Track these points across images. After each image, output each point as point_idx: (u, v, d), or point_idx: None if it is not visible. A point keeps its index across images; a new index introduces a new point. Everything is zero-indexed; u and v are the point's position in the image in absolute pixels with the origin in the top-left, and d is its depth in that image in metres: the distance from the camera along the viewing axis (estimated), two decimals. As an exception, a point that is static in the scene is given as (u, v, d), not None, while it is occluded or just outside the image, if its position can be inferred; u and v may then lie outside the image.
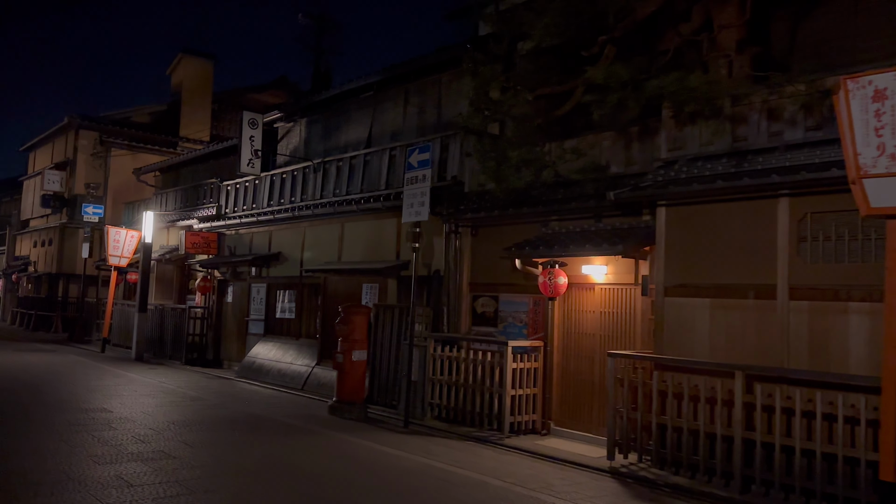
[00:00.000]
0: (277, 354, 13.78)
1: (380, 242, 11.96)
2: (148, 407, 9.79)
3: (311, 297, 13.65)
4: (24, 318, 27.70)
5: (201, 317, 16.68)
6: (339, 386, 10.06)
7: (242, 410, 10.10)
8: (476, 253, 10.32)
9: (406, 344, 10.34)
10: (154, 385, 12.22)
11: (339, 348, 10.10)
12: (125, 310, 19.25)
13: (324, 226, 13.36)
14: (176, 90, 29.62)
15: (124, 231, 18.15)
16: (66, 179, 27.16)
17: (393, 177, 11.82)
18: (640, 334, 8.13)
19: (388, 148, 12.01)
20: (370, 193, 12.04)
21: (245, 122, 15.05)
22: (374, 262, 11.74)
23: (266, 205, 15.09)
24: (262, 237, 15.28)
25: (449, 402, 9.51)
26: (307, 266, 13.38)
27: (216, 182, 17.08)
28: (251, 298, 15.26)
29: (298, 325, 13.86)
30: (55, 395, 10.31)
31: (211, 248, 16.48)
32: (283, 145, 15.78)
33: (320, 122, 14.75)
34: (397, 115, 12.63)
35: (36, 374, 12.95)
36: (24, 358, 15.83)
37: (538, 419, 8.99)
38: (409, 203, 9.68)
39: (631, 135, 8.49)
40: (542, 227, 9.22)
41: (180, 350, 16.54)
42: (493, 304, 9.98)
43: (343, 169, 13.04)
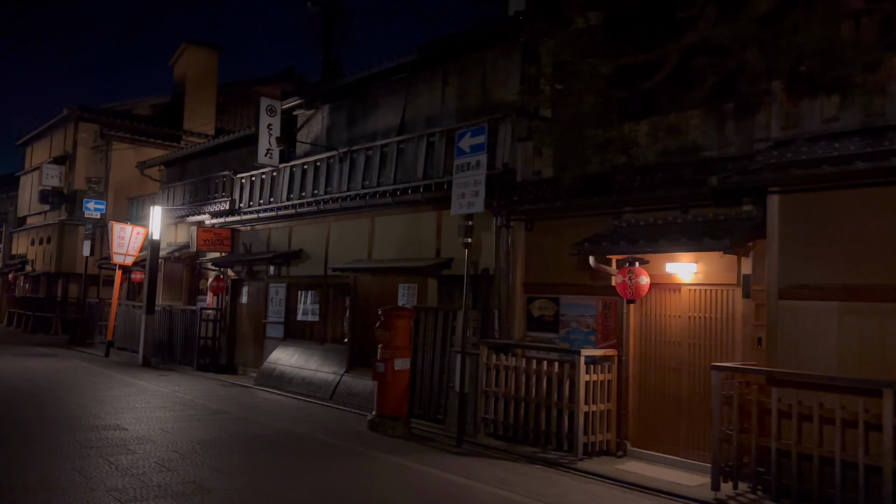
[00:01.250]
0: (300, 360, 12.68)
1: (417, 238, 10.88)
2: (166, 422, 8.69)
3: (338, 297, 12.56)
4: (21, 320, 26.54)
5: (214, 319, 15.58)
6: (379, 399, 8.98)
7: (272, 426, 9.01)
8: (531, 249, 9.24)
9: (453, 352, 9.26)
10: (168, 395, 11.12)
11: (380, 356, 9.02)
12: (130, 311, 18.13)
13: (351, 220, 12.27)
14: (179, 82, 28.49)
15: (130, 227, 17.03)
16: (66, 174, 25.99)
17: (431, 166, 10.73)
18: (739, 343, 7.05)
19: (426, 134, 10.92)
20: (405, 184, 10.95)
21: (263, 110, 13.96)
22: (411, 260, 10.66)
23: (286, 198, 13.98)
24: (280, 233, 14.18)
25: (506, 418, 8.44)
26: (333, 264, 12.29)
27: (229, 175, 15.96)
28: (269, 299, 14.16)
29: (323, 329, 12.76)
30: (61, 409, 9.21)
31: (224, 246, 15.38)
32: (304, 134, 14.68)
33: (345, 109, 13.64)
34: (434, 98, 11.54)
35: (37, 382, 11.84)
36: (24, 363, 14.71)
37: (612, 439, 7.92)
38: (460, 193, 8.60)
39: (725, 112, 7.40)
40: (614, 219, 8.14)
41: (191, 355, 15.44)
42: (552, 306, 8.89)
43: (373, 158, 11.94)
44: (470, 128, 8.68)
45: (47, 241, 26.87)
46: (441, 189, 10.06)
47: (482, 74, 10.68)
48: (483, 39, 10.54)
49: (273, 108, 14.08)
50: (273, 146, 14.03)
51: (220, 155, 18.57)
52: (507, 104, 10.02)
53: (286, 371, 12.71)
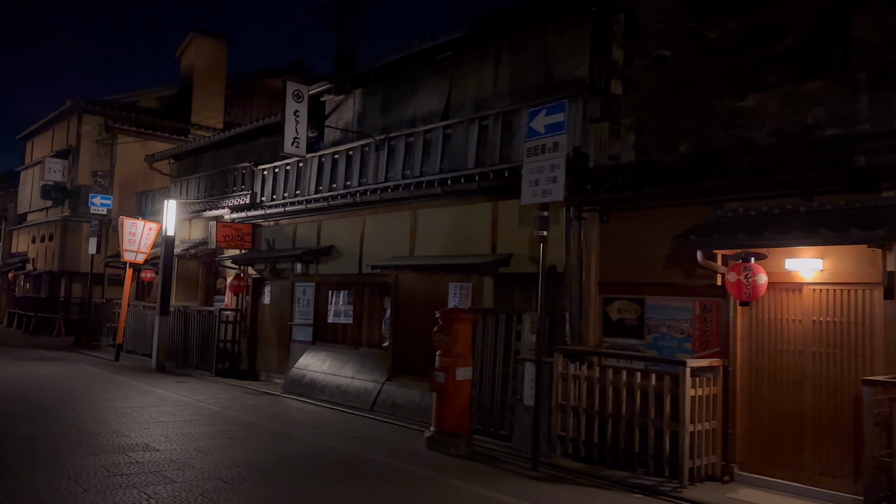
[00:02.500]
0: (333, 367, 11.63)
1: (468, 232, 9.83)
2: (199, 440, 7.63)
3: (375, 298, 11.51)
4: (22, 321, 25.43)
5: (233, 321, 14.51)
6: (438, 412, 7.93)
7: (317, 443, 7.96)
8: (608, 244, 8.20)
9: (520, 359, 8.23)
10: (192, 405, 10.07)
11: (439, 364, 7.98)
12: (141, 312, 17.07)
13: (390, 213, 11.21)
14: (186, 73, 27.41)
15: (141, 223, 15.95)
16: (69, 168, 24.89)
17: (484, 152, 9.68)
18: (879, 352, 6.02)
19: (477, 117, 9.86)
20: (454, 173, 9.90)
21: (289, 95, 12.87)
22: (463, 257, 9.61)
23: (314, 191, 12.92)
24: (308, 228, 13.12)
25: (589, 436, 7.39)
26: (370, 261, 11.23)
27: (249, 166, 14.90)
28: (296, 300, 13.10)
29: (357, 332, 11.71)
30: (77, 424, 8.15)
31: (245, 242, 14.31)
32: (332, 122, 13.62)
33: (379, 93, 12.58)
34: (485, 79, 10.48)
35: (45, 391, 10.78)
36: (29, 369, 13.64)
37: (717, 462, 6.87)
38: (532, 180, 7.56)
39: (857, 84, 6.36)
40: (715, 209, 7.09)
41: (209, 359, 14.38)
42: (635, 309, 7.85)
43: (415, 145, 10.89)
44: (545, 106, 7.63)
45: (49, 239, 25.77)
46: (499, 177, 9.02)
47: (543, 50, 9.63)
48: (545, 11, 9.50)
49: (300, 93, 12.99)
50: (300, 134, 12.94)
51: (237, 146, 17.50)
52: (574, 82, 9.00)
53: (317, 378, 11.65)
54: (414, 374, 10.11)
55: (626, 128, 8.06)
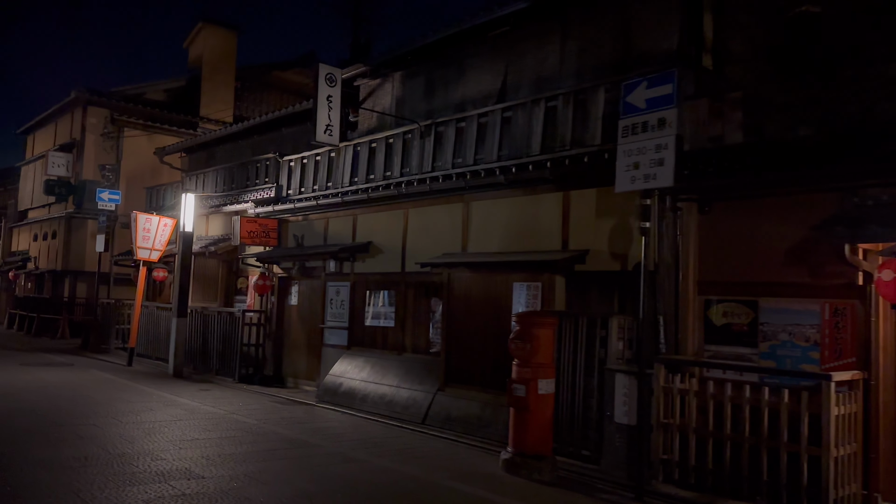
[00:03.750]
0: (373, 374, 10.62)
1: (533, 226, 8.83)
2: (246, 462, 6.63)
3: (420, 299, 10.50)
4: (23, 322, 24.33)
5: (258, 323, 13.50)
6: (517, 431, 6.93)
7: (378, 465, 6.96)
8: (709, 237, 7.21)
9: (609, 370, 7.23)
10: (224, 419, 9.05)
11: (517, 376, 6.98)
12: (154, 313, 16.03)
13: (438, 206, 10.22)
14: (194, 65, 26.40)
15: (156, 218, 14.91)
16: (73, 163, 23.83)
17: (552, 136, 8.69)
18: None
19: (543, 98, 8.87)
20: (515, 161, 8.91)
21: (321, 79, 11.85)
22: (530, 253, 8.61)
23: (348, 182, 11.92)
24: (341, 224, 12.11)
25: (700, 461, 6.39)
26: (416, 259, 10.23)
27: (274, 157, 13.88)
28: (328, 301, 12.09)
29: (401, 336, 10.70)
30: (103, 444, 7.13)
31: (270, 239, 13.30)
32: (368, 108, 12.60)
33: (422, 76, 11.57)
34: (549, 56, 9.48)
35: (60, 402, 9.75)
36: (38, 376, 12.60)
37: (858, 492, 5.89)
38: (630, 163, 6.57)
39: None
40: (852, 195, 6.10)
41: (230, 364, 13.37)
42: (745, 312, 6.86)
43: (466, 131, 9.89)
44: (647, 77, 6.63)
45: (52, 237, 24.71)
46: (578, 163, 8.03)
47: (621, 21, 8.62)
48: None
49: (333, 76, 11.97)
50: (333, 121, 11.93)
51: (255, 138, 16.51)
52: (660, 55, 8.00)
53: (356, 387, 10.64)
54: (471, 384, 9.13)
55: (731, 104, 7.08)
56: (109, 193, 19.20)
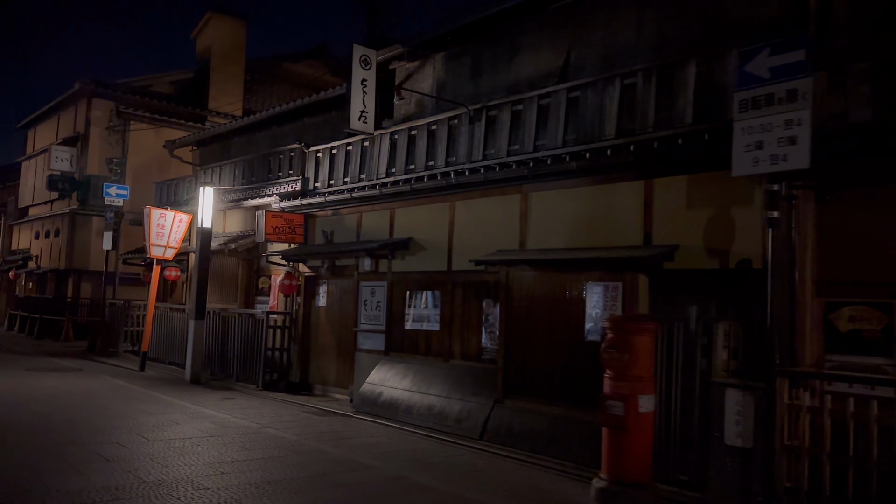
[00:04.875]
0: (417, 383, 9.67)
1: (606, 219, 7.89)
2: (301, 492, 5.69)
3: (470, 300, 9.55)
4: (25, 323, 23.31)
5: (282, 326, 12.54)
6: (613, 455, 6.00)
7: (452, 492, 6.02)
8: (830, 231, 6.28)
9: (717, 384, 6.29)
10: (259, 434, 8.10)
11: (612, 390, 6.04)
12: (167, 315, 15.08)
13: (491, 198, 9.28)
14: (202, 56, 25.46)
15: (171, 214, 13.95)
16: (77, 157, 22.84)
17: (631, 118, 7.76)
18: None
19: (618, 75, 7.92)
20: (585, 146, 7.97)
21: (355, 61, 10.92)
22: (605, 249, 7.67)
23: (384, 173, 10.97)
24: (376, 218, 11.16)
25: (839, 492, 5.45)
26: (466, 256, 9.29)
27: (300, 148, 12.93)
28: (361, 302, 11.14)
29: (447, 341, 9.75)
30: (137, 470, 6.17)
31: (296, 235, 12.35)
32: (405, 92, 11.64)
33: (467, 56, 10.62)
34: (621, 29, 8.53)
35: (77, 414, 8.79)
36: (47, 383, 11.64)
37: None
38: (752, 142, 5.66)
39: None
40: None
41: (253, 370, 12.42)
42: (878, 317, 5.92)
43: (525, 114, 8.95)
44: (771, 42, 5.69)
45: (55, 234, 23.72)
46: (669, 146, 7.08)
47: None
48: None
49: (368, 58, 11.05)
50: (368, 107, 11.00)
51: (274, 129, 15.57)
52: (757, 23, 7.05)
53: (399, 396, 9.69)
54: (536, 396, 8.18)
55: (857, 76, 6.14)
56: (117, 188, 18.24)
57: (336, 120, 13.78)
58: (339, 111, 13.61)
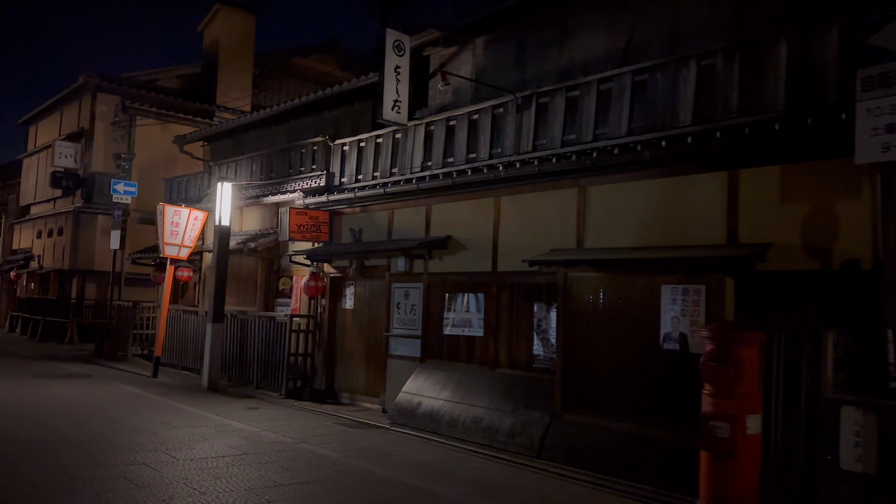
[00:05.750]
0: (460, 393, 8.93)
1: (681, 215, 7.15)
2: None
3: (519, 303, 8.82)
4: (27, 325, 22.51)
5: (306, 330, 11.79)
6: (716, 483, 5.29)
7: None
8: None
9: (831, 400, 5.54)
10: (298, 451, 7.35)
11: (713, 409, 5.32)
12: (180, 318, 14.30)
13: (542, 193, 8.54)
14: (210, 50, 24.73)
15: (186, 211, 13.19)
16: (82, 153, 22.07)
17: (708, 103, 7.02)
18: None
19: (693, 56, 7.19)
20: (656, 134, 7.24)
21: (389, 47, 10.19)
22: (685, 249, 6.92)
23: (418, 167, 10.24)
24: (410, 215, 10.41)
25: None
26: (512, 255, 8.57)
27: (324, 141, 12.18)
28: (394, 305, 10.40)
29: (493, 348, 9.01)
30: (169, 500, 5.41)
31: (321, 233, 11.60)
32: (440, 81, 10.90)
33: (510, 39, 9.89)
34: (693, 7, 7.80)
35: (93, 427, 8.04)
36: (55, 391, 10.88)
37: None
38: (882, 124, 4.98)
39: None
40: None
41: (275, 377, 11.68)
42: None
43: (582, 102, 8.21)
44: None
45: (58, 233, 22.94)
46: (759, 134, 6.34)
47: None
48: None
49: (401, 44, 10.31)
50: (402, 96, 10.27)
51: (291, 122, 14.81)
52: None
53: (440, 407, 8.95)
54: (601, 411, 7.43)
55: None
56: (125, 185, 17.52)
57: (359, 112, 13.06)
58: (362, 103, 12.92)
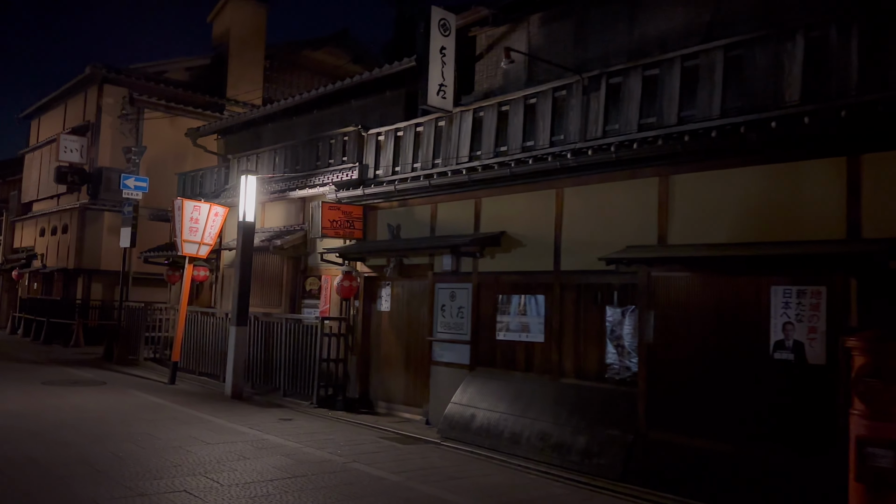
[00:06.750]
0: (521, 405, 8.09)
1: (790, 207, 6.34)
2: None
3: (589, 306, 7.98)
4: (30, 327, 21.59)
5: (338, 333, 10.94)
6: (874, 518, 4.43)
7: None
8: None
9: None
10: (351, 473, 6.50)
11: (870, 433, 4.50)
12: (198, 320, 13.43)
13: (615, 184, 7.72)
14: (219, 42, 23.88)
15: (206, 206, 12.33)
16: (88, 147, 21.18)
17: (819, 81, 6.19)
18: None
19: (799, 28, 6.36)
20: (762, 115, 6.41)
21: (434, 26, 9.41)
22: (799, 245, 6.09)
23: (466, 157, 9.40)
24: (458, 210, 9.57)
25: None
26: (581, 253, 7.76)
27: (356, 130, 11.33)
28: (438, 307, 9.57)
29: (556, 356, 8.18)
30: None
31: (355, 230, 10.75)
32: (488, 65, 10.07)
33: (571, 17, 9.06)
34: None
35: (114, 445, 7.17)
36: (68, 400, 10.02)
37: None
38: None
39: None
40: None
41: (303, 383, 10.84)
42: None
43: (662, 81, 7.39)
44: None
45: (62, 231, 22.04)
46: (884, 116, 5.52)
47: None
48: None
49: (447, 23, 9.54)
50: (447, 80, 9.48)
51: (314, 113, 13.97)
52: None
53: (497, 421, 8.10)
54: (694, 429, 6.58)
55: None
56: (136, 180, 16.58)
57: (389, 101, 12.23)
58: (393, 91, 12.10)
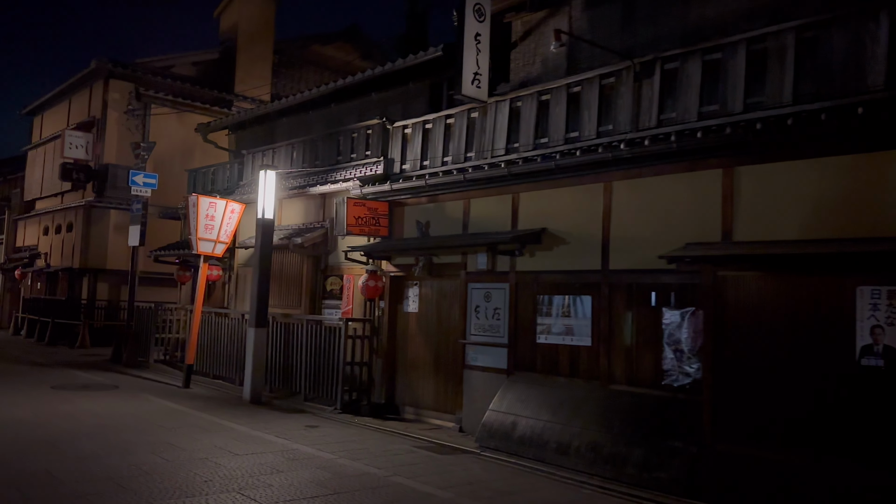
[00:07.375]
0: (566, 414, 7.58)
1: (873, 201, 5.84)
2: None
3: (642, 308, 7.46)
4: (34, 327, 21.05)
5: (362, 335, 10.42)
6: None
7: None
8: None
9: None
10: (395, 490, 6.00)
11: None
12: (212, 321, 12.90)
13: (671, 177, 7.22)
14: (226, 36, 23.42)
15: (222, 203, 11.81)
16: (93, 144, 20.65)
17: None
18: None
19: (883, 7, 5.87)
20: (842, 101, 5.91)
21: (468, 11, 8.94)
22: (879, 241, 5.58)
23: (502, 149, 8.89)
24: (492, 205, 9.06)
25: None
26: (633, 251, 7.27)
27: (381, 123, 10.82)
28: (472, 308, 9.06)
29: (604, 360, 7.67)
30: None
31: (380, 227, 10.24)
32: (525, 53, 9.56)
33: (618, 0, 8.53)
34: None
35: (136, 457, 6.65)
36: (80, 405, 9.50)
37: None
38: None
39: None
40: None
41: (326, 387, 10.32)
42: None
43: (727, 66, 6.88)
44: None
45: (67, 230, 21.51)
46: None
47: None
48: None
49: (482, 7, 9.05)
50: (482, 68, 8.97)
51: (332, 107, 13.46)
52: None
53: (542, 430, 7.59)
54: (766, 441, 6.06)
55: None
56: (145, 176, 16.05)
57: (412, 93, 11.74)
58: (417, 83, 11.62)
